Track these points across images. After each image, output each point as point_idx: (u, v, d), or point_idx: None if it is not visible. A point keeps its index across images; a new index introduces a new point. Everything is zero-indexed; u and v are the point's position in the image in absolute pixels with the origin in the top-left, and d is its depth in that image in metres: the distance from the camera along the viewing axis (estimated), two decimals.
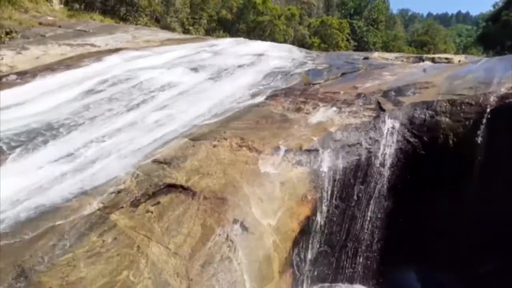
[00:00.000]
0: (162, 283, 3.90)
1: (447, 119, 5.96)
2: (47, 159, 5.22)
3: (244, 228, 4.65)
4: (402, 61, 11.22)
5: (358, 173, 5.75)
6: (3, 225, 4.09)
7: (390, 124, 6.11)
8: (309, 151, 5.62)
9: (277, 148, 5.58)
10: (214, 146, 5.73)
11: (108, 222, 4.32)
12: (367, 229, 5.72)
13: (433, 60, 11.29)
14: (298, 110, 6.69)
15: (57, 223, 4.22)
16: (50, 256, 3.87)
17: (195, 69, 8.78)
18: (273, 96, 7.28)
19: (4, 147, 5.54)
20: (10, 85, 7.46)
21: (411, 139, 5.97)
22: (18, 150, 5.42)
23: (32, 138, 5.63)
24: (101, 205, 4.53)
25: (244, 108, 6.79)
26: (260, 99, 7.15)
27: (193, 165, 5.31)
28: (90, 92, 7.27)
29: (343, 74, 8.67)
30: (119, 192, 4.75)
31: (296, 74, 8.69)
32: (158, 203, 4.71)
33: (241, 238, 4.55)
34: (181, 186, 4.94)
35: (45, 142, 5.60)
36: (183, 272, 4.06)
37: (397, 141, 5.94)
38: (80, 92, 7.21)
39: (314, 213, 5.33)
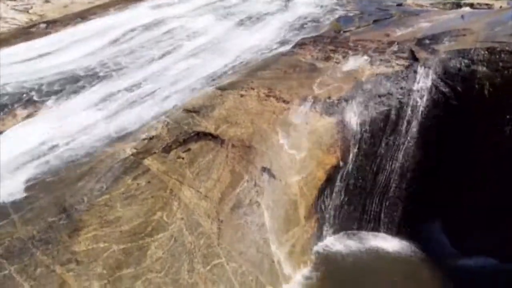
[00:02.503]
0: (194, 223, 4.13)
1: (484, 68, 5.69)
2: (81, 106, 5.41)
3: (271, 175, 4.77)
4: (438, 7, 10.57)
5: (388, 124, 5.68)
6: (45, 168, 4.36)
7: (423, 73, 5.90)
8: (337, 101, 5.56)
9: (304, 98, 5.54)
10: (242, 95, 5.74)
11: (142, 166, 4.51)
12: (393, 180, 5.74)
13: (472, 6, 10.55)
14: (327, 59, 6.52)
15: (94, 166, 4.45)
16: (89, 197, 4.12)
17: (222, 17, 8.60)
18: (301, 45, 7.09)
19: (39, 95, 5.75)
20: (41, 34, 7.58)
21: (444, 89, 5.78)
22: (53, 97, 5.62)
23: (65, 86, 5.81)
24: (134, 150, 4.71)
25: (272, 57, 6.67)
26: (288, 47, 6.99)
27: (221, 114, 5.37)
28: (118, 41, 7.31)
29: (375, 21, 8.27)
30: (151, 138, 4.90)
31: (326, 21, 8.37)
32: (189, 149, 4.85)
33: (268, 184, 4.69)
34: (210, 134, 5.05)
35: (78, 90, 5.77)
36: (213, 214, 4.27)
37: (430, 91, 5.76)
38: (109, 41, 7.26)
39: (341, 162, 5.37)
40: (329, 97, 5.59)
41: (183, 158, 4.76)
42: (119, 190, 4.21)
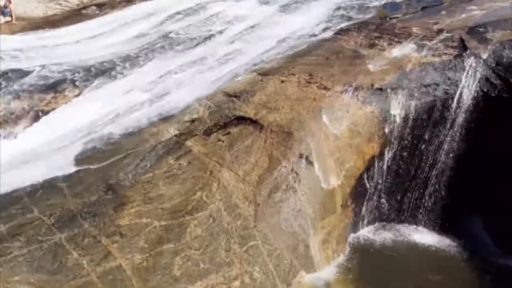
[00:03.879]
0: (232, 205, 4.23)
1: None
2: (128, 87, 5.61)
3: (309, 162, 4.77)
4: None
5: (432, 115, 5.49)
6: (93, 145, 4.59)
7: (472, 63, 5.63)
8: (381, 90, 5.43)
9: (346, 86, 5.45)
10: (282, 81, 5.73)
11: (184, 147, 4.65)
12: (435, 173, 5.58)
13: None
14: (372, 46, 6.35)
15: (139, 145, 4.63)
16: (133, 174, 4.31)
17: (265, 2, 8.56)
18: (345, 31, 6.94)
19: (90, 75, 6.02)
20: (91, 16, 7.87)
21: (495, 81, 5.49)
22: (102, 78, 5.87)
23: (114, 67, 6.04)
24: (177, 132, 4.85)
25: (314, 43, 6.60)
26: (331, 33, 6.87)
27: (261, 99, 5.40)
28: (163, 24, 7.47)
29: (423, 8, 7.92)
30: (193, 121, 5.03)
31: (371, 7, 8.13)
32: (229, 133, 4.93)
33: (305, 171, 4.70)
34: (250, 119, 5.10)
35: (125, 71, 5.99)
36: (251, 197, 4.34)
37: (479, 82, 5.50)
38: (154, 24, 7.44)
39: (381, 153, 5.28)
40: (372, 85, 5.47)
41: (223, 141, 4.85)
42: (162, 169, 4.37)
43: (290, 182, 4.57)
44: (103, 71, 5.95)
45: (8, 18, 7.66)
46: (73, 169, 4.28)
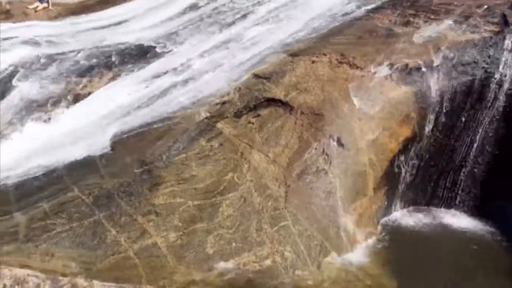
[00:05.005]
0: (262, 186, 4.26)
1: None
2: (159, 70, 5.69)
3: (340, 144, 4.72)
4: None
5: (470, 95, 5.27)
6: (128, 126, 4.72)
7: None
8: (416, 69, 5.25)
9: (380, 65, 5.30)
10: (313, 62, 5.64)
11: (215, 129, 4.70)
12: (471, 156, 5.39)
13: None
14: (407, 23, 6.12)
15: (172, 127, 4.72)
16: (167, 155, 4.41)
17: None
18: (378, 9, 6.71)
19: (122, 59, 6.14)
20: (124, 1, 7.97)
21: None
22: (134, 61, 5.98)
23: (145, 51, 6.13)
24: (208, 114, 4.89)
25: (346, 22, 6.41)
26: (363, 11, 6.65)
27: (292, 80, 5.35)
28: (192, 7, 7.47)
29: None
30: (223, 103, 5.05)
31: None
32: (259, 115, 4.93)
33: (337, 153, 4.66)
34: (280, 101, 5.07)
35: (156, 55, 6.07)
36: (281, 178, 4.36)
37: None
38: (183, 7, 7.45)
39: (415, 134, 5.14)
40: (407, 65, 5.30)
41: (253, 123, 4.86)
42: (194, 151, 4.44)
43: (321, 164, 4.54)
44: (136, 55, 6.07)
45: (45, 4, 7.92)
46: (109, 150, 4.43)
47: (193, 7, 7.45)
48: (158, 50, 6.17)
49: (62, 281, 2.96)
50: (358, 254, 4.38)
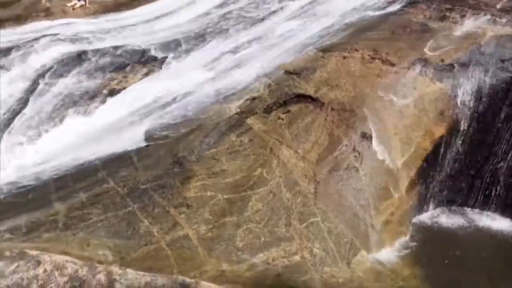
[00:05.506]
0: (291, 182, 4.26)
1: None
2: (192, 66, 5.79)
3: (372, 141, 4.65)
4: None
5: (509, 92, 5.06)
6: (161, 121, 4.83)
7: None
8: (452, 65, 5.09)
9: (414, 61, 5.18)
10: (344, 57, 5.57)
11: (245, 125, 4.73)
12: (510, 156, 5.18)
13: None
14: (443, 18, 5.94)
15: (203, 123, 4.79)
16: (198, 150, 4.48)
17: None
18: (413, 3, 6.53)
19: (156, 55, 6.29)
20: None
21: None
22: (167, 57, 6.10)
23: (178, 46, 6.24)
24: (238, 110, 4.93)
25: (379, 17, 6.29)
26: (397, 6, 6.50)
27: (322, 76, 5.31)
28: (223, 4, 7.54)
29: None
30: (253, 99, 5.08)
31: None
32: (288, 111, 4.93)
33: (368, 150, 4.59)
34: (310, 97, 5.04)
35: (189, 51, 6.17)
36: (310, 175, 4.35)
37: None
38: (214, 4, 7.53)
39: (450, 132, 5.00)
40: (442, 61, 5.15)
41: (282, 119, 4.86)
42: (224, 146, 4.50)
43: (352, 161, 4.49)
44: (169, 51, 6.19)
45: (82, 2, 8.19)
46: (143, 144, 4.55)
47: (224, 3, 7.51)
48: (190, 46, 6.27)
49: (98, 268, 3.07)
50: (388, 253, 4.31)
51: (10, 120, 5.24)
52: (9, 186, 4.33)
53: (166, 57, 6.09)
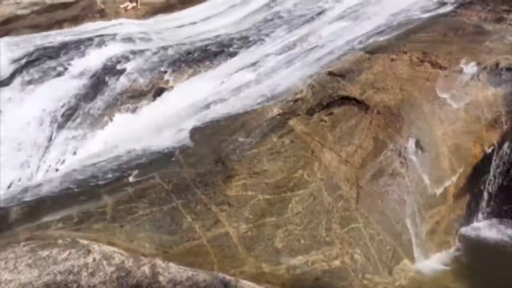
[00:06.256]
0: (333, 185, 4.21)
1: None
2: (236, 66, 5.87)
3: (419, 146, 4.49)
4: None
5: None
6: (206, 120, 4.95)
7: None
8: (508, 69, 4.83)
9: (466, 65, 4.96)
10: (392, 60, 5.43)
11: (287, 126, 4.73)
12: None
13: None
14: (499, 20, 5.64)
15: (245, 123, 4.85)
16: (240, 149, 4.54)
17: None
18: (466, 4, 6.26)
19: (202, 56, 6.44)
20: (201, 0, 8.32)
21: None
22: (213, 58, 6.23)
23: (224, 47, 6.36)
24: (280, 111, 4.95)
25: (430, 18, 6.08)
26: (449, 7, 6.25)
27: (368, 79, 5.20)
28: (270, 4, 7.58)
29: None
30: (296, 100, 5.07)
31: None
32: (332, 113, 4.87)
33: (415, 156, 4.44)
34: (355, 99, 4.96)
35: (234, 52, 6.26)
36: (353, 179, 4.27)
37: None
38: (261, 5, 7.59)
39: (503, 140, 4.73)
40: (497, 65, 4.89)
41: (325, 121, 4.82)
42: (266, 146, 4.52)
43: (397, 167, 4.37)
44: (215, 51, 6.32)
45: (134, 4, 8.58)
46: (187, 142, 4.68)
47: (271, 4, 7.56)
48: (235, 47, 6.37)
49: (143, 261, 3.18)
50: (433, 264, 4.14)
51: (65, 116, 5.59)
52: (62, 178, 4.61)
53: (212, 58, 6.23)
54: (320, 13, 6.94)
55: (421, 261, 4.13)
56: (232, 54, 6.25)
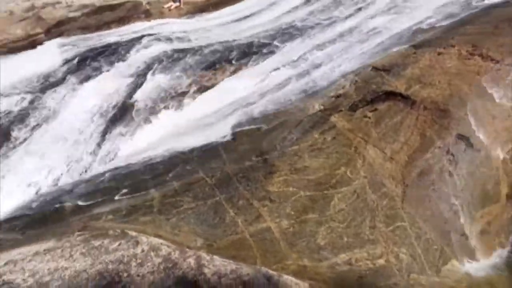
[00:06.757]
0: (377, 183, 4.12)
1: None
2: (277, 63, 5.87)
3: (469, 144, 4.30)
4: None
5: None
6: (247, 116, 4.99)
7: None
8: None
9: None
10: (439, 53, 5.22)
11: (328, 122, 4.68)
12: None
13: None
14: None
15: (286, 119, 4.85)
16: (281, 145, 4.55)
17: None
18: None
19: (243, 53, 6.49)
20: None
21: None
22: (253, 55, 6.27)
23: (264, 44, 6.38)
24: (322, 107, 4.90)
25: (481, 10, 5.78)
26: None
27: (414, 73, 5.04)
28: (309, 0, 7.51)
29: None
30: (338, 96, 5.01)
31: None
32: (376, 109, 4.77)
33: (464, 153, 4.26)
34: (400, 95, 4.82)
35: (274, 49, 6.26)
36: (398, 177, 4.16)
37: None
38: (301, 1, 7.53)
39: None
40: None
41: (369, 118, 4.72)
42: (307, 143, 4.50)
43: (445, 165, 4.20)
44: (256, 49, 6.37)
45: (177, 3, 8.80)
46: (230, 138, 4.75)
47: (310, 1, 7.49)
48: (276, 43, 6.37)
49: (189, 253, 3.27)
50: (484, 266, 3.96)
51: (114, 113, 5.84)
52: (111, 172, 4.82)
53: (253, 55, 6.27)
54: (362, 8, 6.79)
55: (471, 262, 3.96)
56: (274, 51, 6.26)
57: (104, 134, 5.46)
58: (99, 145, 5.36)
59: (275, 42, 6.51)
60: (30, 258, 3.16)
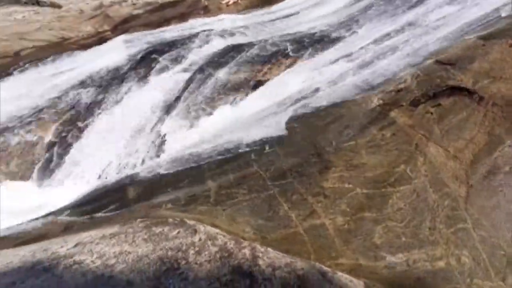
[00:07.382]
0: (439, 182, 3.94)
1: None
2: (333, 57, 5.77)
3: None
4: None
5: None
6: (302, 111, 4.97)
7: None
8: None
9: None
10: (511, 45, 4.84)
11: (388, 118, 4.54)
12: None
13: None
14: None
15: (343, 114, 4.76)
16: (337, 141, 4.48)
17: None
18: None
19: (298, 48, 6.44)
20: None
21: None
22: (308, 50, 6.20)
23: (320, 38, 6.29)
24: (381, 101, 4.75)
25: None
26: None
27: (483, 67, 4.72)
28: None
29: None
30: (399, 91, 4.83)
31: None
32: (439, 105, 4.54)
33: None
34: (466, 90, 4.55)
35: (330, 43, 6.16)
36: (462, 177, 3.95)
37: None
38: None
39: None
40: None
41: (431, 114, 4.50)
42: (365, 139, 4.39)
43: None
44: (312, 42, 6.30)
45: None
46: (285, 132, 4.76)
47: None
48: (333, 37, 6.26)
49: (244, 243, 3.35)
50: None
51: (173, 106, 6.09)
52: (171, 163, 5.04)
53: (308, 49, 6.21)
54: None
55: None
56: (330, 44, 6.16)
57: (164, 126, 5.72)
58: (160, 136, 5.62)
59: (334, 34, 6.39)
60: (97, 241, 3.38)
